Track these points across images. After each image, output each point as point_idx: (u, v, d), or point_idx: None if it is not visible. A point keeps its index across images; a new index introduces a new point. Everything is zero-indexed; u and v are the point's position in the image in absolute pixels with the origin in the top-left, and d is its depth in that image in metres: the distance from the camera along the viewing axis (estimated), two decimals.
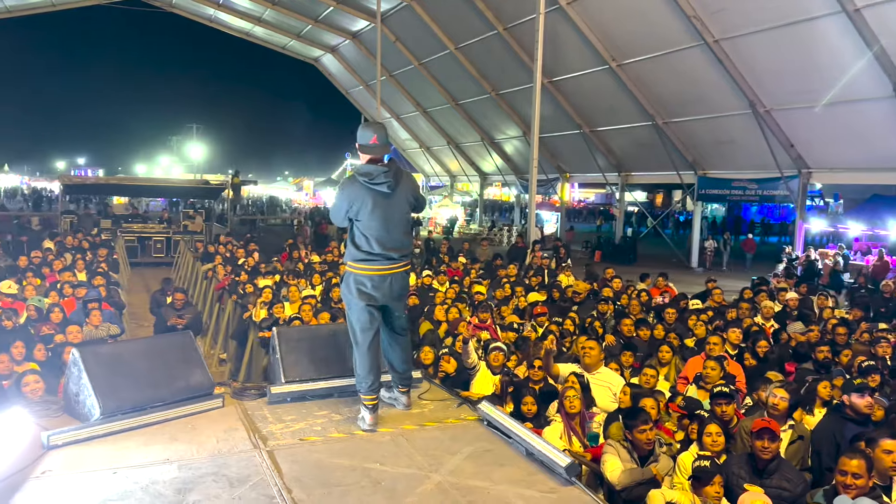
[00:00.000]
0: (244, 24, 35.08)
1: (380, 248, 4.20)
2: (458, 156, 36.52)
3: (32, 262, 11.97)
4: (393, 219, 4.23)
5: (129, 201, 31.77)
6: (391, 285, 4.29)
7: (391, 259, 4.24)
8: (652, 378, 6.38)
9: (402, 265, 4.35)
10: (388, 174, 4.18)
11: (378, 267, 4.22)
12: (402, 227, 4.32)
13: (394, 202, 4.23)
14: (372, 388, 4.14)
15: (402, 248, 4.33)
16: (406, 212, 4.36)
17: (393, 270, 4.28)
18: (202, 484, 3.19)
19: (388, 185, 4.17)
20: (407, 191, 4.35)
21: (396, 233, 4.26)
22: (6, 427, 3.44)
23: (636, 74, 21.13)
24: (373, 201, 4.15)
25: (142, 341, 5.31)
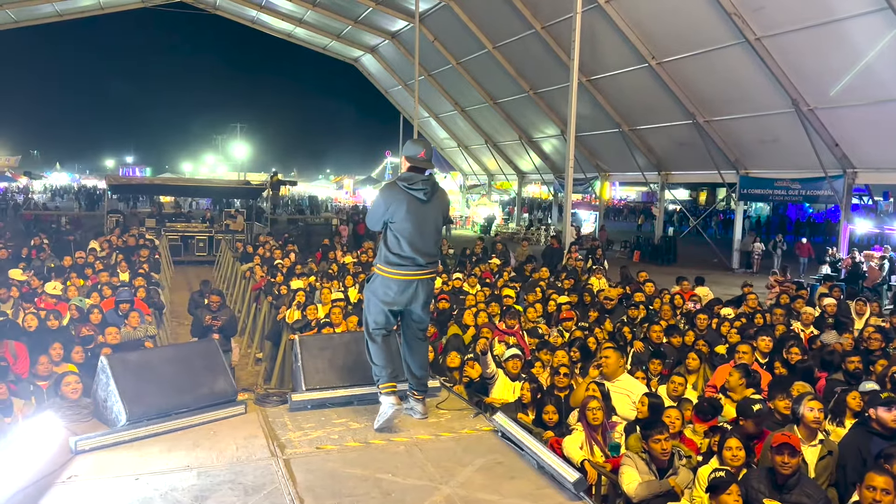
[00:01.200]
0: (286, 25, 35.58)
1: (411, 250, 4.34)
2: (496, 154, 36.49)
3: (77, 263, 12.35)
4: (426, 225, 4.41)
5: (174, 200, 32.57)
6: (416, 291, 4.42)
7: (419, 265, 4.38)
8: (680, 386, 6.33)
9: (429, 272, 4.47)
10: (427, 182, 4.45)
11: (406, 272, 4.36)
12: (433, 235, 4.47)
13: (428, 210, 4.42)
14: (392, 376, 4.33)
15: (431, 254, 4.46)
16: (438, 222, 4.52)
17: (420, 276, 4.41)
18: (218, 492, 3.30)
19: (425, 193, 4.40)
20: (441, 204, 4.58)
21: (427, 239, 4.42)
22: (37, 432, 3.61)
23: (676, 72, 20.85)
24: (408, 205, 4.35)
25: (168, 349, 5.48)
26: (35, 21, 33.53)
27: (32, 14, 32.27)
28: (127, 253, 14.59)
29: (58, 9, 32.04)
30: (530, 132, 31.82)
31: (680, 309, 10.14)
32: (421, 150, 4.48)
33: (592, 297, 10.74)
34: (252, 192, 27.08)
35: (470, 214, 41.64)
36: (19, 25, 33.31)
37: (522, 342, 7.93)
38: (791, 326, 8.83)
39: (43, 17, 33.30)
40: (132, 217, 26.20)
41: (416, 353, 4.61)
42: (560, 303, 9.56)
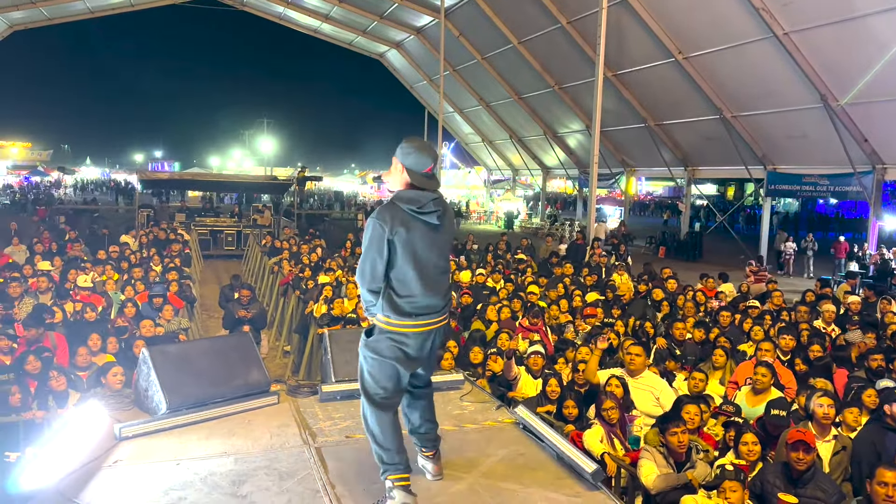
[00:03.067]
0: (312, 21, 35.92)
1: (429, 294, 3.36)
2: (521, 149, 36.51)
3: (111, 257, 12.70)
4: (442, 257, 3.47)
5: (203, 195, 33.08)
6: (434, 342, 3.47)
7: (436, 311, 3.41)
8: (700, 382, 6.41)
9: (446, 316, 3.53)
10: (437, 202, 3.38)
11: (424, 321, 3.37)
12: (447, 268, 3.58)
13: (442, 237, 3.45)
14: (404, 465, 3.35)
15: (449, 293, 3.56)
16: (450, 248, 3.70)
17: (440, 323, 3.45)
18: (255, 477, 3.50)
19: (438, 216, 3.37)
20: (452, 227, 3.62)
21: (444, 274, 3.51)
22: (84, 419, 3.83)
23: (703, 67, 20.73)
24: (421, 236, 3.32)
25: (205, 342, 5.71)
26: (67, 18, 34.29)
27: (64, 11, 33.00)
28: (159, 247, 14.98)
29: (89, 5, 32.73)
30: (555, 127, 31.81)
31: (703, 306, 10.19)
32: (429, 162, 3.38)
33: (615, 294, 10.83)
34: (279, 187, 27.43)
35: (495, 209, 41.73)
36: (52, 23, 34.08)
37: (546, 339, 8.06)
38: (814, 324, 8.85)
39: (75, 14, 34.04)
40: (163, 211, 26.71)
41: (419, 406, 3.66)
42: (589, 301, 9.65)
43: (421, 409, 3.64)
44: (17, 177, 55.21)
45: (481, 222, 41.24)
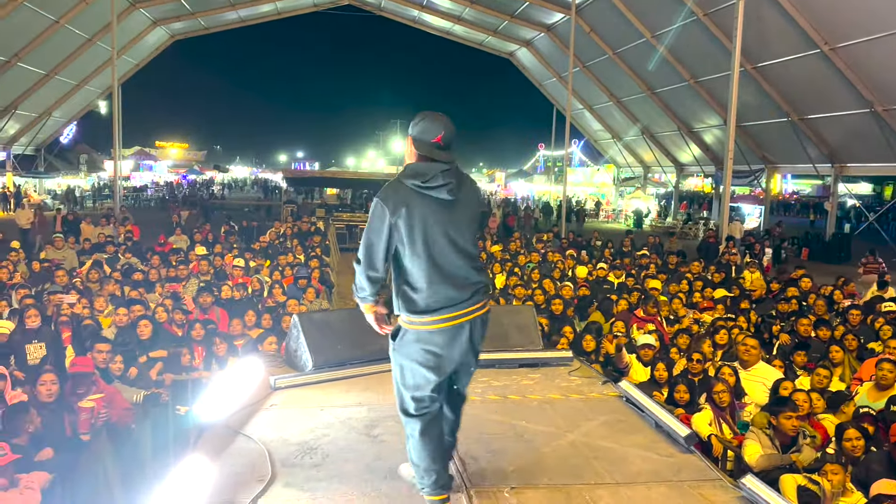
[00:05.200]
0: (445, 23, 36.91)
1: (446, 283, 2.95)
2: (653, 146, 35.72)
3: (261, 246, 14.07)
4: (461, 237, 2.99)
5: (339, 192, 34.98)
6: (471, 337, 3.02)
7: (461, 301, 2.97)
8: (825, 379, 6.40)
9: (481, 303, 3.04)
10: (449, 173, 2.94)
11: (446, 316, 2.96)
12: (472, 245, 3.05)
13: (459, 213, 2.98)
14: (440, 484, 3.09)
15: (477, 278, 3.05)
16: (474, 227, 3.10)
17: (472, 315, 3.00)
18: (384, 422, 4.08)
19: (450, 189, 2.94)
20: (474, 198, 3.12)
21: (467, 254, 3.00)
22: (247, 371, 4.59)
23: (851, 58, 19.53)
24: (431, 214, 2.93)
25: (345, 311, 6.38)
26: (221, 28, 37.31)
27: (219, 21, 35.97)
28: (301, 238, 16.29)
29: (241, 15, 35.45)
30: (690, 122, 30.91)
31: (837, 305, 9.88)
32: (439, 130, 2.95)
33: (742, 292, 10.68)
34: None
35: (623, 207, 41.04)
36: (208, 32, 37.20)
37: (662, 329, 8.21)
38: None
39: (228, 24, 36.98)
40: (304, 207, 28.60)
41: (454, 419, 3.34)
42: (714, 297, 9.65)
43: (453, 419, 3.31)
44: (176, 175, 60.55)
45: (609, 221, 40.70)
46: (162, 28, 34.04)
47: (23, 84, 28.96)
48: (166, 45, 36.72)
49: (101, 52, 30.21)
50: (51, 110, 33.54)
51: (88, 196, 42.57)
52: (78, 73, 32.11)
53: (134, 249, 14.13)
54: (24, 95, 29.64)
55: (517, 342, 5.39)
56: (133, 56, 34.82)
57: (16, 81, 28.21)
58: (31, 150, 36.33)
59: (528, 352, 5.33)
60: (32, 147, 36.33)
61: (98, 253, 12.83)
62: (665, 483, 3.37)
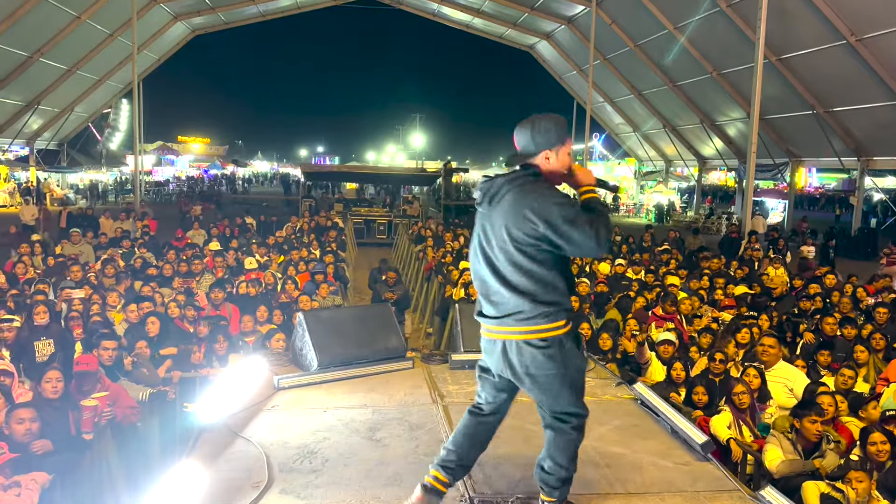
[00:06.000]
0: (464, 16, 36.69)
1: (482, 297, 2.97)
2: (675, 139, 35.23)
3: (277, 241, 14.01)
4: (492, 254, 2.86)
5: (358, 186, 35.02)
6: (504, 357, 2.89)
7: (495, 318, 2.90)
8: (850, 379, 6.19)
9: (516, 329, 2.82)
10: (482, 185, 2.92)
11: (485, 326, 2.98)
12: (507, 268, 2.80)
13: (491, 229, 2.87)
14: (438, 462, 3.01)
15: (510, 303, 2.81)
16: (507, 245, 2.79)
17: (504, 335, 2.87)
18: (388, 425, 3.95)
19: (478, 202, 2.92)
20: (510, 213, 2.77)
21: (498, 277, 2.83)
22: (250, 370, 4.49)
23: (879, 49, 19.04)
24: (479, 227, 2.96)
25: (351, 310, 6.30)
26: (241, 22, 37.39)
27: (239, 15, 36.05)
28: (318, 233, 16.23)
29: (261, 10, 35.50)
30: (713, 115, 30.43)
31: (862, 302, 9.60)
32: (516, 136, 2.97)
33: (763, 288, 10.42)
34: (427, 179, 28.44)
35: (645, 202, 40.57)
36: (228, 26, 37.28)
37: (681, 327, 8.00)
38: None
39: (248, 19, 37.07)
40: (323, 202, 28.63)
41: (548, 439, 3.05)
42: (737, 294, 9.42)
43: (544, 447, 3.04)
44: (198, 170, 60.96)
45: (630, 215, 40.27)
46: (182, 23, 34.18)
47: (45, 79, 29.22)
48: (187, 39, 36.89)
49: (122, 48, 30.40)
50: (73, 105, 33.82)
51: (111, 190, 42.98)
52: (100, 69, 32.35)
53: (150, 244, 14.15)
54: (46, 91, 29.91)
55: None
56: (154, 51, 35.02)
57: (38, 77, 28.45)
58: (53, 144, 36.71)
59: None
60: (55, 142, 36.71)
61: (113, 248, 12.84)
62: (680, 494, 3.20)
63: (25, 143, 33.59)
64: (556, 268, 2.82)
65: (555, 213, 2.69)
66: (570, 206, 2.74)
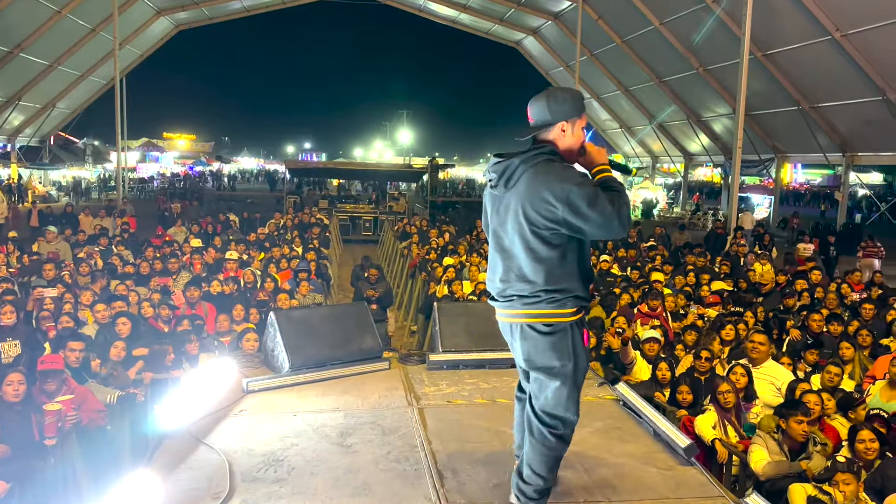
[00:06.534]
0: (451, 11, 36.46)
1: (493, 279, 2.89)
2: (661, 136, 35.21)
3: (259, 238, 13.79)
4: (505, 237, 2.79)
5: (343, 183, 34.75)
6: (511, 339, 2.91)
7: (495, 297, 2.89)
8: (836, 377, 6.09)
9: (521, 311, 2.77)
10: (497, 167, 2.78)
11: (497, 309, 2.93)
12: (520, 252, 2.73)
13: (505, 212, 2.77)
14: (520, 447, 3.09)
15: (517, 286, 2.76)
16: (523, 229, 2.70)
17: (510, 318, 2.85)
18: (360, 430, 3.79)
19: (493, 183, 2.80)
20: (527, 195, 2.66)
21: (511, 259, 2.77)
22: (217, 374, 4.31)
23: (864, 45, 19.02)
24: (486, 207, 2.94)
25: (325, 309, 6.13)
26: (226, 17, 36.96)
27: (224, 10, 35.64)
28: (301, 230, 16.01)
29: (245, 4, 35.12)
30: (699, 111, 30.41)
31: (847, 299, 9.53)
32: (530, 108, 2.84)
33: (749, 284, 10.34)
34: (413, 175, 28.25)
35: (632, 198, 40.56)
36: (212, 22, 36.86)
37: (666, 325, 7.89)
38: None
39: (232, 13, 36.62)
40: (308, 198, 28.35)
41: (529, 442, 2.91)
42: (714, 290, 9.32)
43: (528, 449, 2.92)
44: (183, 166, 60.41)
45: None
46: (166, 18, 33.75)
47: (26, 75, 28.74)
48: (171, 34, 36.44)
49: (104, 43, 29.94)
50: (55, 101, 33.33)
51: (95, 187, 42.47)
52: (82, 64, 31.88)
53: (129, 242, 13.91)
54: (27, 86, 29.43)
55: None
56: (137, 47, 34.55)
57: (19, 72, 27.99)
58: (35, 141, 36.19)
59: None
60: (37, 138, 36.19)
61: (90, 246, 12.59)
62: (662, 500, 3.07)
63: (6, 139, 33.07)
64: (570, 253, 2.75)
65: (575, 194, 2.58)
66: (591, 185, 2.63)
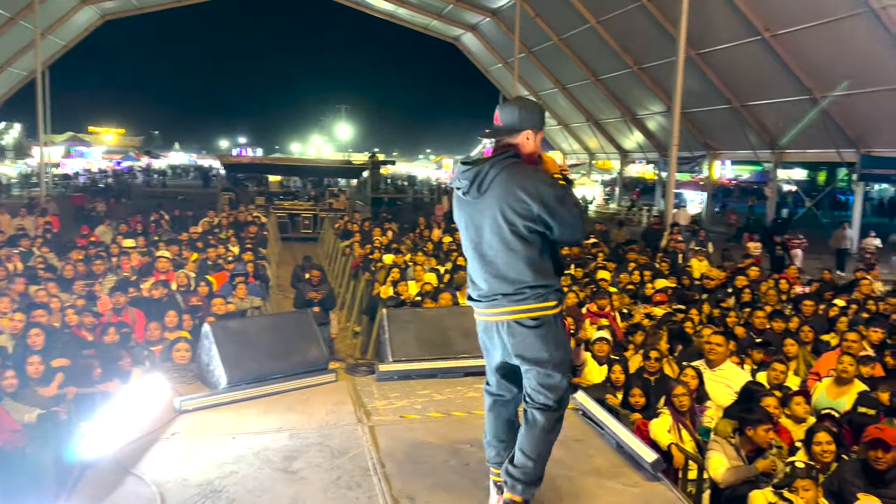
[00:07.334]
0: (389, 6, 36.06)
1: (475, 283, 2.95)
2: (598, 133, 35.71)
3: (192, 238, 13.16)
4: (482, 241, 2.86)
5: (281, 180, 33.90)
6: (499, 337, 2.91)
7: (479, 298, 2.93)
8: (781, 374, 6.09)
9: (507, 309, 2.85)
10: (467, 173, 2.84)
11: (478, 310, 2.98)
12: (500, 253, 2.82)
13: (480, 216, 2.85)
14: (496, 461, 3.10)
15: (500, 286, 2.85)
16: (502, 230, 2.79)
17: (495, 317, 2.88)
18: (307, 453, 3.50)
19: (464, 190, 2.87)
20: (504, 196, 2.76)
21: (485, 262, 2.86)
22: (146, 392, 3.93)
23: (792, 45, 19.65)
24: (459, 214, 2.98)
25: (265, 318, 5.80)
26: (155, 7, 35.59)
27: (153, 0, 34.26)
28: (237, 229, 15.43)
29: None
30: (634, 109, 30.93)
31: (787, 294, 9.71)
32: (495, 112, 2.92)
33: (692, 281, 10.42)
34: (354, 171, 27.78)
35: None
36: (142, 11, 35.43)
37: (615, 324, 7.83)
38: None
39: (161, 4, 35.29)
40: (244, 195, 27.51)
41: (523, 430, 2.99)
42: (658, 288, 9.34)
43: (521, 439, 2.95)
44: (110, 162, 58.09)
45: None
46: (91, 7, 32.21)
47: None
48: (96, 24, 34.83)
49: (25, 33, 28.32)
50: None
51: (16, 184, 40.30)
52: (0, 55, 30.10)
53: (52, 243, 13.11)
54: None
55: (463, 348, 4.82)
56: (60, 37, 32.87)
57: None
58: None
59: (474, 358, 4.76)
60: None
61: (8, 248, 11.77)
62: None
63: None
64: (546, 249, 2.86)
65: (548, 193, 2.75)
66: (560, 187, 2.81)
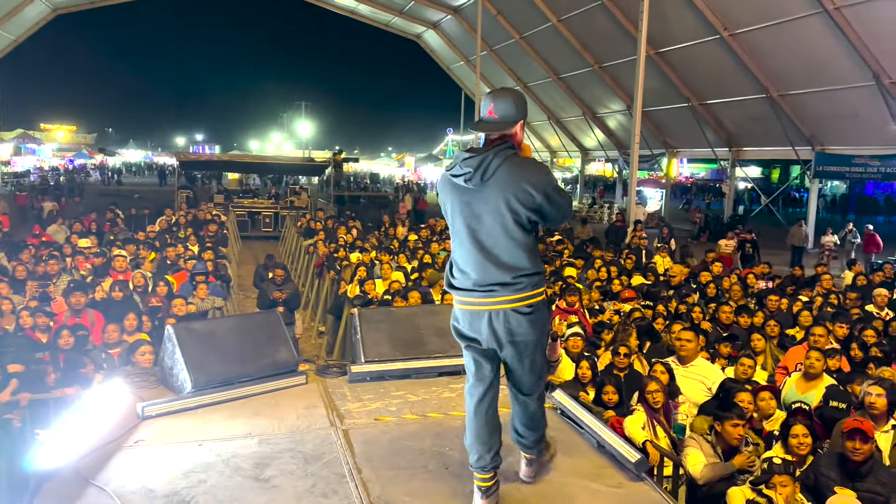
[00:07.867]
0: (350, 1, 35.71)
1: (465, 267, 2.95)
2: (559, 131, 35.93)
3: (149, 237, 12.79)
4: (482, 229, 2.88)
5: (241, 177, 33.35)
6: (491, 326, 2.92)
7: (475, 288, 2.92)
8: (749, 369, 6.13)
9: (505, 298, 2.88)
10: (470, 161, 2.84)
11: (467, 298, 2.96)
12: (500, 241, 2.87)
13: (480, 205, 2.87)
14: (480, 465, 3.03)
15: (498, 275, 2.88)
16: (505, 219, 2.84)
17: (490, 306, 2.90)
18: (279, 459, 3.35)
19: (467, 178, 2.84)
20: (509, 186, 2.81)
21: (486, 247, 2.88)
22: (106, 398, 3.73)
23: (749, 44, 20.02)
24: (453, 202, 2.96)
25: (232, 319, 5.60)
26: (108, 1, 34.62)
27: None
28: (196, 227, 15.06)
29: None
30: (595, 108, 31.19)
31: (751, 289, 9.84)
32: (486, 104, 2.93)
33: (657, 277, 10.49)
34: (316, 169, 27.44)
35: None
36: (94, 6, 34.43)
37: (584, 320, 7.81)
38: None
39: None
40: (203, 193, 26.92)
41: (516, 409, 3.24)
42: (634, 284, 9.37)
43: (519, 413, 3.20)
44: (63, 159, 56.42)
45: None
46: (42, 1, 31.14)
47: None
48: (48, 19, 33.68)
49: None
50: None
51: None
52: None
53: (2, 243, 12.62)
54: None
55: (437, 347, 4.71)
56: (10, 31, 31.68)
57: None
58: None
59: (448, 358, 4.66)
60: None
61: None
62: None
63: None
64: (535, 237, 3.00)
65: (548, 183, 2.88)
66: (553, 176, 3.00)
